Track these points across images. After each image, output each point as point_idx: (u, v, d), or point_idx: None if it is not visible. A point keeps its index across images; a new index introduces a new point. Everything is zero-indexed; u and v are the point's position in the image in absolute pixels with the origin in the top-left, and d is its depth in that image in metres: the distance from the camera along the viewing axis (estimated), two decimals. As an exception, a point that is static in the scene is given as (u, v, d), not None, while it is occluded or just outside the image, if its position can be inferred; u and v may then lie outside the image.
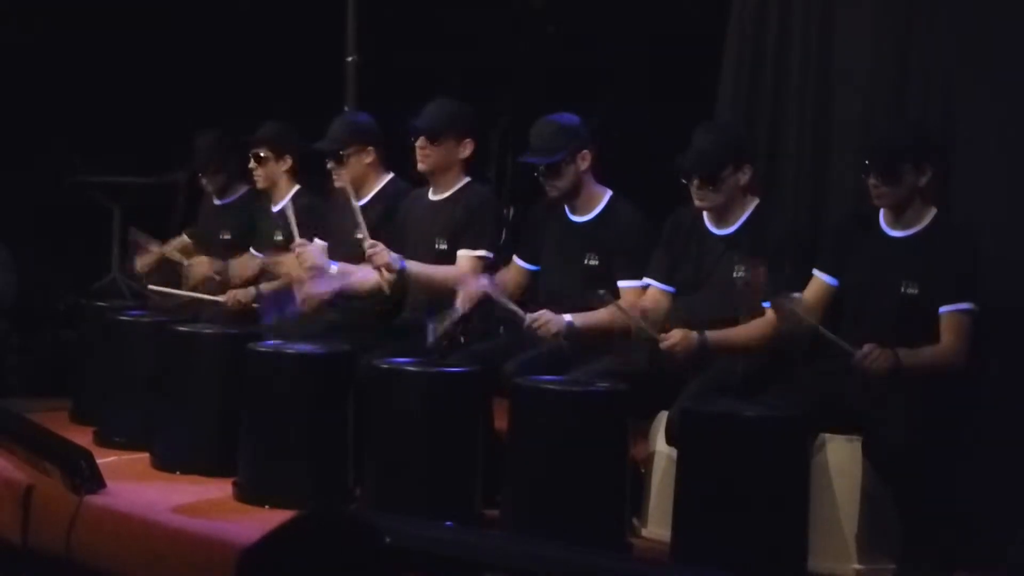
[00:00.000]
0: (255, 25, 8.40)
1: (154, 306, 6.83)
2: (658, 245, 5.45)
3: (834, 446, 4.87)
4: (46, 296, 8.19)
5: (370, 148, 6.26)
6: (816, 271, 5.12)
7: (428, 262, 5.92)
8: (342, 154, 6.20)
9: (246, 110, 7.27)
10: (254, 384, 5.56)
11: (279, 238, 6.58)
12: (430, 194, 6.05)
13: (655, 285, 5.42)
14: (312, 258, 6.05)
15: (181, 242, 7.15)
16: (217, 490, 5.54)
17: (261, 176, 6.78)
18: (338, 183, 6.20)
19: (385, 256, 5.77)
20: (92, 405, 6.57)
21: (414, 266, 5.82)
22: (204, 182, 7.12)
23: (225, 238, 6.96)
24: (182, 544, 4.96)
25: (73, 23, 8.57)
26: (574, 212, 5.68)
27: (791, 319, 4.95)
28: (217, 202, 7.12)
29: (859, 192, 5.14)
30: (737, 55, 6.08)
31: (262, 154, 6.75)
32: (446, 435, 5.19)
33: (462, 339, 5.72)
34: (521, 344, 5.46)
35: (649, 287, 5.43)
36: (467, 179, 6.00)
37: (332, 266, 6.07)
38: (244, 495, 5.45)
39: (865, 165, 5.01)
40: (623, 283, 5.45)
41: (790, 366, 5.15)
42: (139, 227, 7.24)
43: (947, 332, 4.82)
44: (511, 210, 7.13)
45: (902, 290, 4.92)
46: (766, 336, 5.15)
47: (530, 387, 5.03)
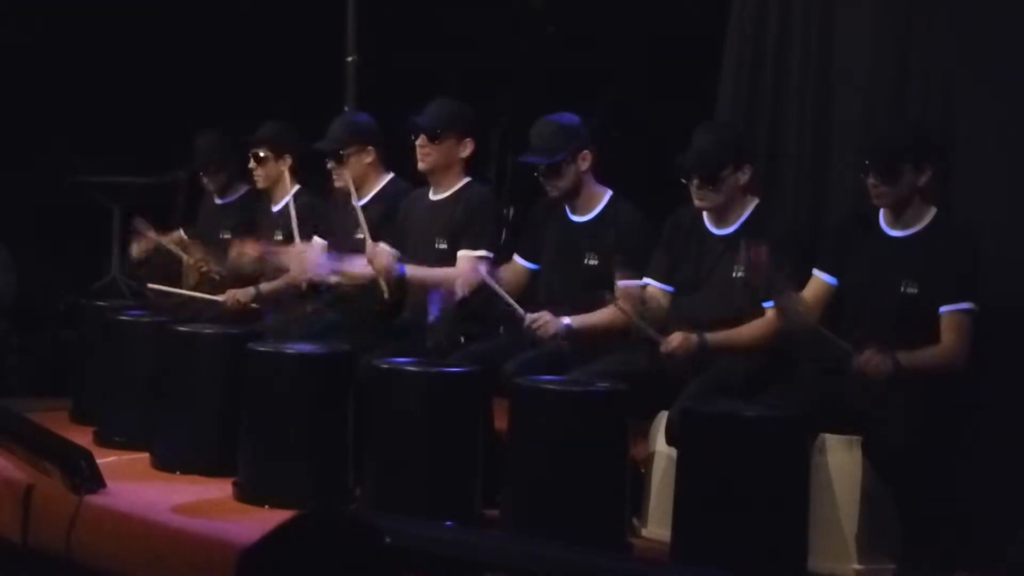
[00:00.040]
0: (255, 25, 8.41)
1: (154, 305, 6.82)
2: (658, 245, 5.45)
3: (834, 446, 4.87)
4: (46, 296, 8.19)
5: (370, 148, 6.27)
6: (816, 270, 5.12)
7: (428, 261, 5.92)
8: (342, 154, 6.21)
9: (246, 110, 7.27)
10: (254, 384, 5.56)
11: (279, 237, 6.59)
12: (430, 194, 6.05)
13: (655, 285, 5.42)
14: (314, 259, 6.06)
15: (178, 235, 7.16)
16: (217, 490, 5.53)
17: (261, 176, 6.79)
18: (338, 183, 6.20)
19: (385, 260, 5.78)
20: (92, 405, 6.57)
21: (414, 270, 5.81)
22: (205, 181, 7.12)
23: (225, 237, 6.96)
24: (182, 544, 4.96)
25: (73, 23, 8.57)
26: (574, 212, 5.68)
27: (792, 318, 4.96)
28: (218, 201, 7.13)
29: (859, 192, 5.14)
30: (737, 55, 6.08)
31: (262, 154, 6.75)
32: (446, 435, 5.19)
33: (462, 339, 5.72)
34: (521, 344, 5.46)
35: (648, 287, 5.43)
36: (467, 179, 6.00)
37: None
38: (244, 495, 5.45)
39: (865, 165, 5.01)
40: (623, 283, 5.45)
41: (790, 366, 5.16)
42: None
43: (947, 332, 4.82)
44: (511, 210, 7.13)
45: (902, 290, 4.91)
46: (766, 336, 5.15)
47: (530, 387, 5.03)
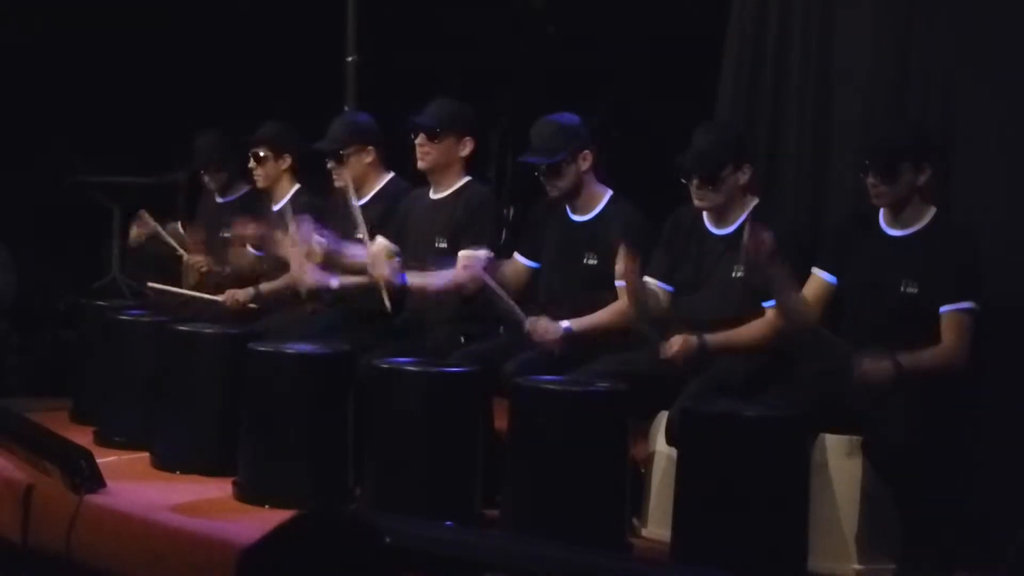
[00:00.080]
0: (255, 25, 8.40)
1: (154, 304, 6.83)
2: (658, 244, 5.45)
3: (834, 446, 4.87)
4: (46, 296, 8.19)
5: (370, 148, 6.27)
6: (816, 269, 5.12)
7: (428, 260, 5.92)
8: (342, 154, 6.21)
9: (246, 110, 7.27)
10: (254, 384, 5.56)
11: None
12: (431, 193, 6.05)
13: (652, 283, 5.41)
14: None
15: (175, 229, 7.17)
16: (217, 490, 5.53)
17: (261, 176, 6.79)
18: (338, 183, 6.20)
19: (385, 270, 5.76)
20: (92, 405, 6.57)
21: (415, 277, 5.78)
22: (206, 180, 7.13)
23: (225, 236, 6.97)
24: (182, 544, 4.96)
25: (73, 23, 8.57)
26: (575, 212, 5.68)
27: (791, 312, 4.97)
28: (219, 200, 7.14)
29: (859, 192, 5.14)
30: (737, 55, 6.07)
31: (262, 154, 6.76)
32: (446, 435, 5.19)
33: (462, 339, 5.72)
34: (521, 344, 5.46)
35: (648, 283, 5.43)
36: (467, 178, 6.00)
37: (332, 280, 6.07)
38: (244, 495, 5.45)
39: (864, 164, 5.01)
40: (621, 283, 5.44)
41: (790, 366, 5.15)
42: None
43: (948, 332, 4.82)
44: (511, 210, 7.13)
45: (902, 289, 4.91)
46: (766, 337, 5.15)
47: (530, 387, 5.03)
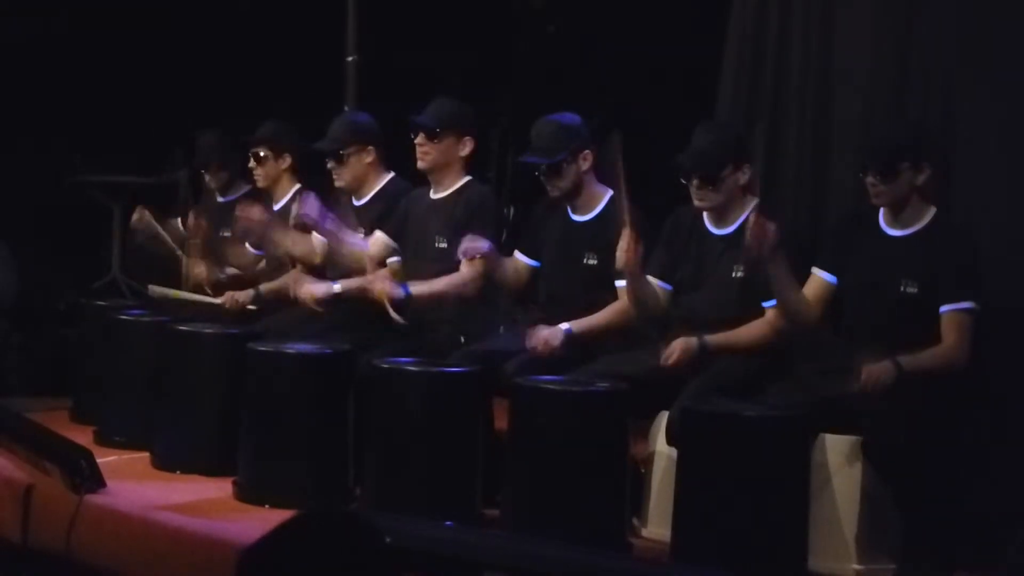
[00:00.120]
0: (255, 25, 8.40)
1: (154, 304, 6.82)
2: (657, 243, 5.44)
3: (834, 446, 4.87)
4: (46, 296, 8.19)
5: (370, 148, 6.26)
6: (815, 269, 5.12)
7: (428, 260, 5.93)
8: (342, 154, 6.20)
9: (246, 110, 7.27)
10: (254, 384, 5.56)
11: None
12: (431, 193, 6.04)
13: (652, 282, 5.41)
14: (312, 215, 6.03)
15: (175, 226, 7.18)
16: (217, 490, 5.53)
17: (261, 175, 6.79)
18: (338, 183, 6.20)
19: (386, 287, 5.75)
20: (92, 404, 6.56)
21: (417, 287, 5.76)
22: (207, 179, 7.13)
23: (225, 235, 6.97)
24: (182, 544, 4.96)
25: (73, 23, 8.57)
26: (575, 211, 5.68)
27: (793, 314, 4.99)
28: (220, 199, 7.14)
29: (859, 192, 5.14)
30: (737, 55, 6.08)
31: (262, 153, 6.75)
32: (446, 435, 5.19)
33: (462, 339, 5.72)
34: (521, 344, 5.45)
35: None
36: (468, 178, 6.00)
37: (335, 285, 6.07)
38: (244, 495, 5.45)
39: (863, 164, 5.02)
40: (621, 283, 5.44)
41: (790, 366, 5.15)
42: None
43: (948, 331, 4.82)
44: (511, 210, 7.13)
45: (901, 289, 4.91)
46: (766, 337, 5.15)
47: (530, 387, 5.03)
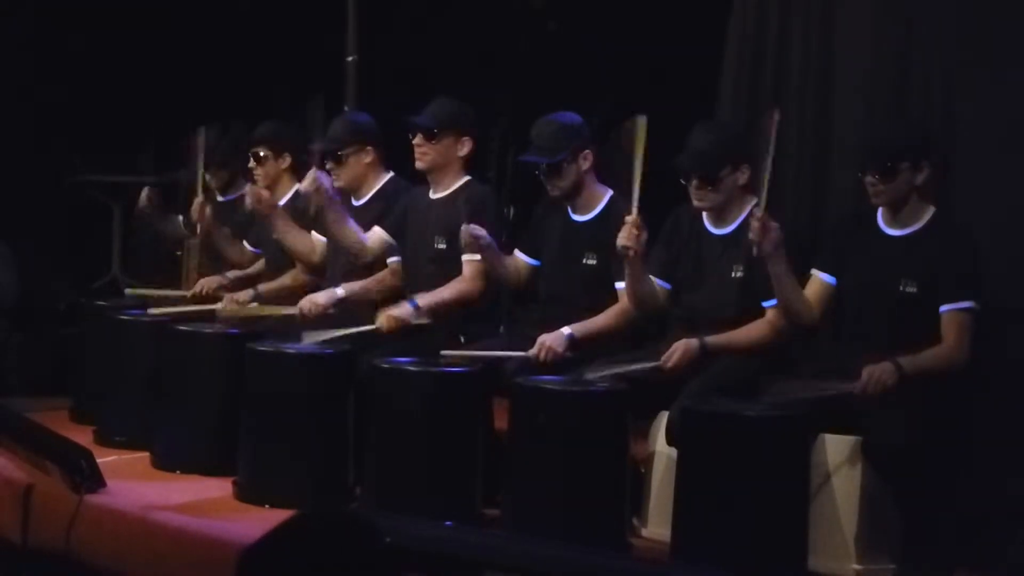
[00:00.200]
0: (255, 25, 8.40)
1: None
2: (657, 243, 5.44)
3: (834, 445, 4.87)
4: (46, 296, 8.19)
5: (369, 148, 6.26)
6: (815, 270, 5.12)
7: (427, 261, 5.93)
8: (341, 154, 6.20)
9: (246, 110, 7.27)
10: (254, 384, 5.56)
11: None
12: (430, 193, 6.04)
13: (653, 282, 5.41)
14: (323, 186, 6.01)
15: (176, 223, 7.17)
16: (217, 489, 5.54)
17: (261, 175, 6.79)
18: (337, 183, 6.20)
19: (394, 312, 5.71)
20: (92, 404, 6.57)
21: (424, 298, 5.75)
22: (208, 178, 7.12)
23: (226, 230, 6.97)
24: (182, 543, 4.96)
25: (73, 23, 8.57)
26: (575, 211, 5.68)
27: (793, 313, 5.00)
28: (220, 198, 7.14)
29: (859, 192, 5.14)
30: (737, 55, 6.08)
31: (262, 153, 6.75)
32: (446, 435, 5.19)
33: (461, 339, 5.72)
34: (521, 344, 5.45)
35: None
36: (467, 178, 5.99)
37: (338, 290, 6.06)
38: (244, 494, 5.45)
39: (863, 163, 5.02)
40: (621, 284, 5.44)
41: (790, 366, 5.15)
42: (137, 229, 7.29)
43: (948, 331, 4.81)
44: (511, 210, 7.13)
45: (901, 289, 4.91)
46: (766, 337, 5.15)
47: (530, 387, 5.03)
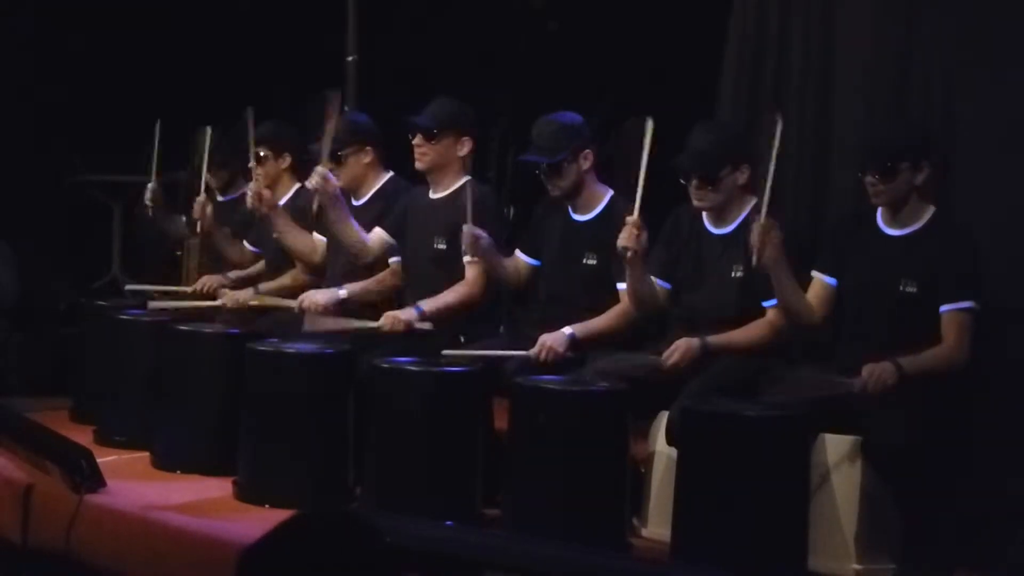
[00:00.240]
0: (255, 25, 8.40)
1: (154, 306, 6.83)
2: (656, 243, 5.44)
3: (834, 446, 4.87)
4: (46, 296, 8.19)
5: (368, 148, 6.26)
6: (815, 272, 5.12)
7: (427, 262, 5.93)
8: (340, 154, 6.20)
9: (245, 110, 7.26)
10: (254, 384, 5.56)
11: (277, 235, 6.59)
12: (430, 193, 6.04)
13: (653, 282, 5.41)
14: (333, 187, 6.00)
15: (178, 222, 7.17)
16: (217, 489, 5.53)
17: (261, 175, 6.78)
18: (337, 183, 6.20)
19: (402, 316, 5.72)
20: (92, 404, 6.57)
21: (429, 304, 5.76)
22: (208, 178, 7.12)
23: (225, 230, 6.97)
24: (182, 543, 4.96)
25: (73, 23, 8.57)
26: (575, 211, 5.68)
27: (793, 314, 5.00)
28: (220, 198, 7.14)
29: (859, 192, 5.14)
30: (737, 55, 6.08)
31: (262, 153, 6.75)
32: (446, 435, 5.19)
33: (461, 339, 5.71)
34: (521, 344, 5.45)
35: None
36: (467, 178, 5.99)
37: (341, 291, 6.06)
38: (244, 494, 5.45)
39: (863, 163, 5.02)
40: (622, 285, 5.44)
41: (790, 366, 5.15)
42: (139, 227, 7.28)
43: (948, 331, 4.81)
44: (511, 210, 7.13)
45: (901, 289, 4.91)
46: (766, 337, 5.15)
47: (530, 387, 5.03)
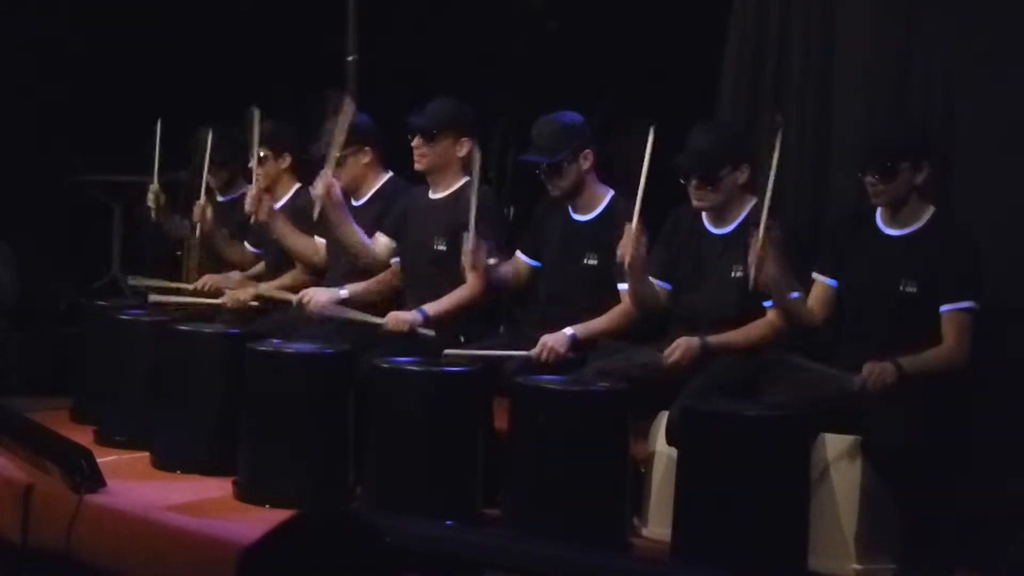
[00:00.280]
0: (255, 25, 8.40)
1: (153, 303, 6.82)
2: (656, 243, 5.44)
3: (834, 445, 4.87)
4: (46, 296, 8.19)
5: (367, 148, 6.25)
6: (816, 274, 5.12)
7: (427, 262, 5.93)
8: (339, 155, 6.19)
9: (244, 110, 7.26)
10: (254, 384, 5.56)
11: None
12: (429, 193, 6.04)
13: (653, 283, 5.41)
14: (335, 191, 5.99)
15: (178, 222, 7.18)
16: (217, 489, 5.54)
17: (261, 175, 6.78)
18: (340, 194, 6.19)
19: (406, 316, 5.74)
20: (92, 404, 6.57)
21: (432, 307, 5.76)
22: (208, 177, 7.12)
23: (225, 231, 6.97)
24: (182, 543, 4.96)
25: (73, 23, 8.57)
26: (576, 211, 5.68)
27: (793, 318, 4.99)
28: (220, 198, 7.14)
29: (859, 192, 5.14)
30: (737, 55, 6.08)
31: (262, 153, 6.74)
32: (447, 434, 5.19)
33: (461, 339, 5.71)
34: (522, 344, 5.45)
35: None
36: (467, 178, 5.97)
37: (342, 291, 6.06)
38: (244, 494, 5.45)
39: (863, 163, 5.02)
40: (623, 286, 5.44)
41: (790, 366, 5.15)
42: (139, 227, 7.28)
43: (948, 331, 4.81)
44: (511, 210, 7.13)
45: (901, 289, 4.91)
46: (766, 337, 5.15)
47: (530, 387, 5.03)
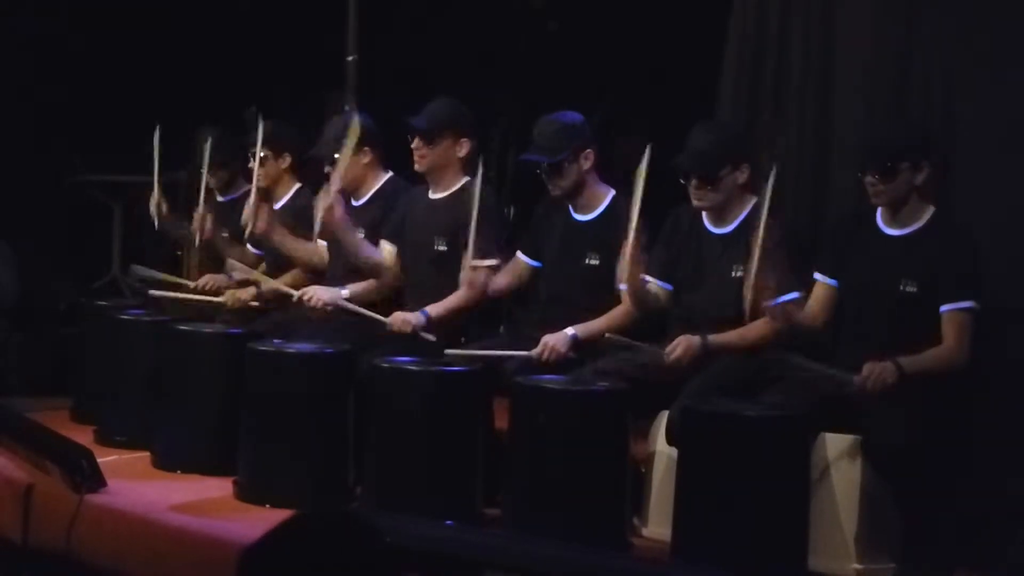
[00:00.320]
0: (255, 25, 8.40)
1: (153, 303, 6.83)
2: (657, 243, 5.44)
3: (834, 445, 4.87)
4: (46, 295, 8.19)
5: (367, 148, 6.24)
6: (816, 275, 5.12)
7: (427, 263, 5.93)
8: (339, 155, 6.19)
9: (243, 110, 7.27)
10: (254, 384, 5.56)
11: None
12: (429, 194, 6.04)
13: (652, 283, 5.41)
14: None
15: (179, 223, 7.19)
16: (217, 489, 5.54)
17: (261, 175, 6.78)
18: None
19: (409, 318, 5.73)
20: (93, 404, 6.57)
21: (435, 309, 5.76)
22: (208, 177, 7.12)
23: (225, 235, 6.97)
24: (182, 543, 4.96)
25: (73, 23, 8.57)
26: (577, 211, 5.68)
27: (790, 322, 4.99)
28: (220, 199, 7.14)
29: (859, 192, 5.14)
30: (737, 55, 6.08)
31: (261, 153, 6.74)
32: (447, 434, 5.19)
33: (462, 339, 5.72)
34: (522, 344, 5.45)
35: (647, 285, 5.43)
36: (467, 178, 5.97)
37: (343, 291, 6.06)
38: (244, 494, 5.45)
39: (863, 163, 5.02)
40: (624, 286, 5.43)
41: (790, 366, 5.15)
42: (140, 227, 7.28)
43: (948, 331, 4.81)
44: (511, 210, 7.13)
45: (901, 288, 4.91)
46: (767, 337, 5.15)
47: (530, 387, 5.03)
